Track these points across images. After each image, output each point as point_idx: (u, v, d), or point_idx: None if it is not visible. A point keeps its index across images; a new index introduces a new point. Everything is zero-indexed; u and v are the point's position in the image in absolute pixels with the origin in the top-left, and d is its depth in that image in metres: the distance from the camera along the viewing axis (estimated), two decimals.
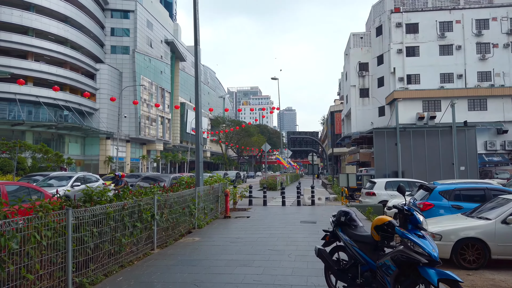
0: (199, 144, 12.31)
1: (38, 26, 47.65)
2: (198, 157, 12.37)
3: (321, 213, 14.18)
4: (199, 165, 12.34)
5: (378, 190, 16.95)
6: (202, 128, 12.46)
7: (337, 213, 5.73)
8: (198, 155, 12.37)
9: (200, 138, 12.32)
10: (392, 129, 20.25)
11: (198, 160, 12.35)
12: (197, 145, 12.35)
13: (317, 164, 23.36)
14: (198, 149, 12.34)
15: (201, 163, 12.36)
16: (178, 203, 9.72)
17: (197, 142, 12.36)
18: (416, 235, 4.36)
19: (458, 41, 40.46)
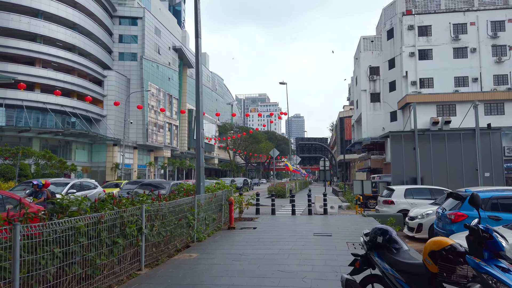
0: (199, 147, 10.96)
1: (46, 33, 47.16)
2: (199, 162, 11.01)
3: (335, 224, 12.67)
4: (200, 170, 10.97)
5: (397, 198, 15.41)
6: (203, 129, 11.11)
7: (371, 231, 4.28)
8: (199, 159, 11.02)
9: (200, 140, 10.96)
10: (410, 133, 18.71)
11: (198, 165, 10.99)
12: (198, 148, 11.00)
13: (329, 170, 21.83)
14: (199, 152, 10.98)
15: (202, 168, 10.99)
16: (174, 213, 8.34)
17: (198, 145, 11.01)
18: (498, 267, 2.91)
19: (472, 44, 38.78)
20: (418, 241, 11.68)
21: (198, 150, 11.00)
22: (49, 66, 48.59)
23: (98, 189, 17.62)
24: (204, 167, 11.14)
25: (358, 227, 11.74)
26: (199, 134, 11.00)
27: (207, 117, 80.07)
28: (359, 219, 14.02)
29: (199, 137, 10.97)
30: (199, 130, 11.01)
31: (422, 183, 18.21)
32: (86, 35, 52.24)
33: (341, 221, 13.38)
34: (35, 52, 45.97)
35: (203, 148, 10.99)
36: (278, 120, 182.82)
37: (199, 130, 11.01)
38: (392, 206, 15.36)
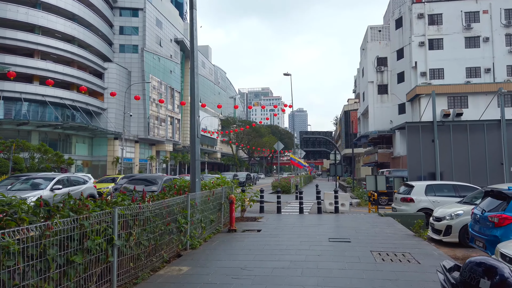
0: (194, 137, 9.25)
1: (44, 23, 45.51)
2: (194, 155, 9.31)
3: (350, 225, 10.97)
4: (195, 164, 9.28)
5: (417, 195, 13.66)
6: (198, 116, 9.39)
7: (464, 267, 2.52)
8: (194, 152, 9.32)
9: (196, 129, 9.26)
10: (428, 124, 16.91)
11: (193, 158, 9.30)
12: (192, 139, 9.29)
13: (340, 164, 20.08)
14: (194, 143, 9.28)
15: (197, 161, 9.30)
16: (161, 216, 6.67)
17: (192, 133, 9.31)
18: None
19: (485, 33, 36.71)
20: (446, 246, 9.99)
21: (192, 140, 9.30)
22: (48, 58, 46.96)
23: (88, 184, 15.99)
24: (200, 160, 9.44)
25: (378, 230, 10.04)
26: (194, 122, 9.29)
27: (209, 110, 78.29)
28: (376, 219, 12.32)
29: (194, 125, 9.27)
30: (194, 117, 9.31)
31: (441, 179, 16.46)
32: (86, 26, 50.54)
33: (356, 222, 11.68)
34: (34, 44, 44.37)
35: (198, 138, 9.29)
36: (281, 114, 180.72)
37: (194, 117, 9.30)
38: (411, 205, 13.63)
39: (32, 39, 44.30)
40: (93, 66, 51.74)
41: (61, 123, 44.80)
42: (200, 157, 9.51)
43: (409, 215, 12.76)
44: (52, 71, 45.98)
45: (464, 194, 13.53)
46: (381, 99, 42.09)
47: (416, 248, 7.90)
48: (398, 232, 9.85)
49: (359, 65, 51.78)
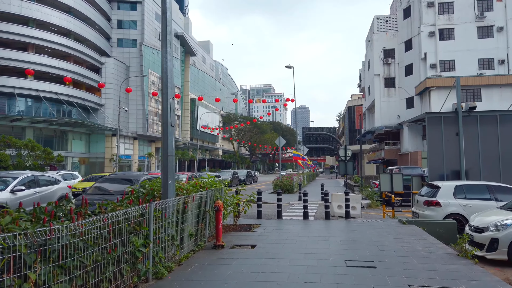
0: (167, 125, 6.88)
1: (38, 16, 43.29)
2: (166, 148, 6.94)
3: (368, 237, 8.57)
4: (168, 161, 6.91)
5: (444, 198, 11.26)
6: (172, 98, 7.02)
7: None
8: (166, 144, 6.94)
9: (169, 116, 6.89)
10: (451, 114, 14.44)
11: (165, 152, 6.93)
12: (165, 128, 6.93)
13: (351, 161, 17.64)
14: (166, 134, 6.91)
15: (171, 157, 6.94)
16: (98, 240, 4.33)
17: (164, 120, 6.94)
18: None
19: (499, 22, 34.05)
20: (491, 264, 7.58)
21: (165, 130, 6.92)
22: (42, 52, 44.72)
23: (60, 185, 13.65)
24: (174, 156, 7.06)
25: (407, 246, 7.64)
26: (167, 106, 6.91)
27: (211, 106, 75.88)
28: (397, 228, 9.92)
29: (167, 110, 6.89)
30: (166, 100, 6.92)
31: (467, 178, 14.02)
32: (82, 19, 48.25)
33: (375, 232, 9.27)
34: (28, 37, 42.20)
35: (172, 127, 6.92)
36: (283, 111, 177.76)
37: (167, 100, 6.92)
38: (437, 209, 11.23)
39: (26, 32, 42.16)
40: (90, 60, 49.52)
41: (56, 119, 42.61)
42: (174, 152, 7.12)
43: (437, 222, 10.38)
44: (47, 65, 43.83)
45: (501, 196, 11.14)
46: (388, 92, 39.49)
47: (471, 278, 5.52)
48: (433, 249, 7.46)
49: (364, 58, 49.11)
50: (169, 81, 6.96)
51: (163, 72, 7.02)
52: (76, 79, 47.51)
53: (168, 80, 6.96)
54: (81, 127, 46.93)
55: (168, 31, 6.98)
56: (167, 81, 6.96)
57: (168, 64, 6.93)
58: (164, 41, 6.96)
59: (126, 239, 4.96)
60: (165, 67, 6.97)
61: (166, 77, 6.96)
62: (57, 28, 45.15)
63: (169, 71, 6.97)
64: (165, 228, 6.20)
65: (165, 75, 6.97)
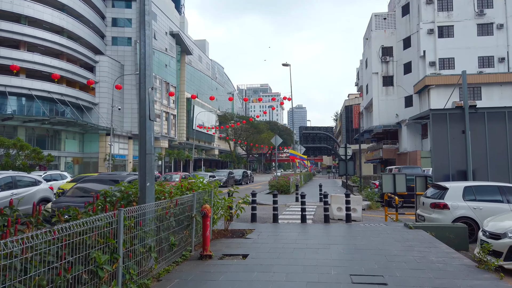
0: (145, 118, 5.95)
1: (30, 13, 42.21)
2: (144, 145, 6.01)
3: (374, 244, 7.67)
4: (145, 160, 5.97)
5: (453, 200, 10.39)
6: (151, 88, 6.09)
7: None
8: (144, 140, 6.01)
9: (148, 108, 5.96)
10: (457, 111, 13.57)
11: (142, 149, 6.00)
12: (142, 122, 6.00)
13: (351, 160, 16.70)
14: (144, 129, 5.98)
15: (149, 155, 6.00)
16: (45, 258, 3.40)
17: (142, 115, 6.01)
18: None
19: (499, 19, 33.30)
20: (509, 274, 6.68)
21: (142, 124, 5.99)
22: (35, 50, 43.60)
23: (40, 186, 12.68)
24: (153, 154, 6.11)
25: (418, 256, 6.73)
26: (145, 97, 5.97)
27: (207, 106, 74.83)
28: (403, 233, 9.03)
29: (145, 101, 5.96)
30: (144, 90, 5.99)
31: (473, 178, 13.15)
32: (76, 17, 47.13)
33: (380, 238, 8.37)
34: (19, 34, 41.06)
35: (152, 120, 5.99)
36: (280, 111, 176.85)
37: (145, 90, 5.99)
38: (445, 212, 10.36)
39: (18, 30, 41.07)
40: (83, 59, 48.41)
41: (48, 118, 41.51)
42: (153, 149, 6.18)
43: (446, 227, 9.51)
44: (39, 63, 42.74)
45: None
46: (386, 91, 38.66)
47: None
48: (448, 259, 6.56)
49: (362, 56, 48.22)
50: (147, 68, 6.03)
51: (140, 58, 6.10)
52: (70, 78, 46.45)
53: (146, 67, 6.03)
54: (75, 126, 45.85)
55: (146, 10, 6.05)
56: (145, 68, 6.03)
57: (146, 48, 6.00)
58: (142, 22, 6.04)
59: (86, 255, 4.03)
60: (143, 52, 6.04)
61: (144, 64, 6.03)
62: (49, 25, 44.08)
63: (147, 57, 6.04)
64: (140, 238, 5.27)
65: (142, 62, 6.04)
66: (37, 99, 42.45)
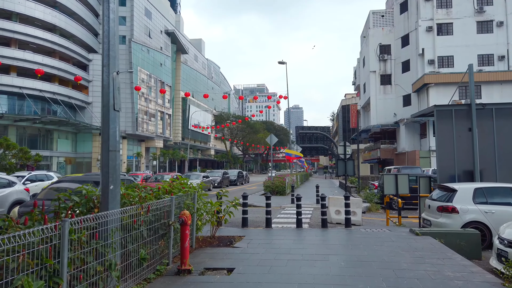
0: (108, 108, 4.93)
1: (22, 10, 41.00)
2: (107, 140, 4.99)
3: (380, 255, 6.68)
4: (109, 157, 4.96)
5: (462, 203, 9.45)
6: (117, 72, 5.05)
7: None
8: (108, 134, 4.99)
9: (113, 95, 4.95)
10: (464, 107, 12.63)
11: (105, 145, 4.99)
12: (105, 113, 4.98)
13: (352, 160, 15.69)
14: (107, 121, 4.96)
15: (113, 153, 5.00)
16: None
17: (105, 104, 4.99)
18: None
19: (499, 17, 32.48)
20: None
21: (105, 115, 4.98)
22: (26, 48, 42.38)
23: (14, 188, 11.61)
24: (119, 151, 5.09)
25: (432, 270, 5.74)
26: (108, 83, 4.96)
27: (202, 105, 73.74)
28: (410, 240, 8.05)
29: (108, 87, 4.94)
30: (108, 72, 4.97)
31: (481, 178, 12.21)
32: (68, 14, 45.95)
33: (385, 247, 7.38)
34: (10, 32, 39.87)
35: (117, 111, 4.97)
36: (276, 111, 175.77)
37: (108, 72, 4.97)
38: (454, 216, 9.41)
39: (9, 27, 39.87)
40: (76, 57, 47.24)
41: (39, 117, 40.31)
42: (120, 146, 5.15)
43: (457, 233, 8.54)
44: (30, 61, 41.53)
45: None
46: (384, 90, 37.76)
47: None
48: (467, 274, 5.57)
49: (360, 54, 47.28)
50: (111, 48, 5.00)
51: (103, 37, 5.06)
52: (62, 76, 45.29)
53: (110, 47, 5.00)
54: (67, 125, 44.68)
55: None
56: (108, 48, 5.00)
57: (110, 25, 4.97)
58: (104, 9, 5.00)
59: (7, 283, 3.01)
60: (106, 29, 5.01)
61: (108, 43, 5.00)
62: (41, 23, 42.91)
63: (112, 35, 5.01)
64: (99, 254, 4.25)
65: (106, 41, 5.01)
66: (29, 98, 41.26)
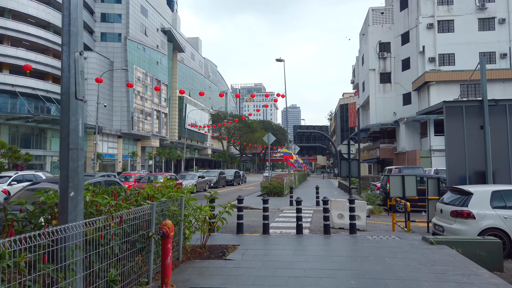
0: (68, 95, 3.97)
1: (14, 7, 39.97)
2: (67, 136, 4.02)
3: (397, 272, 5.76)
4: (69, 156, 3.98)
5: (479, 208, 8.54)
6: (81, 52, 4.08)
7: None
8: (68, 128, 4.02)
9: (75, 80, 3.98)
10: (475, 104, 11.72)
11: (64, 142, 4.01)
12: (65, 101, 4.01)
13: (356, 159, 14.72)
14: (67, 111, 4.00)
15: (74, 151, 4.03)
16: None
17: (65, 91, 4.02)
18: None
19: (501, 14, 31.66)
20: None
21: (65, 105, 4.02)
22: (19, 45, 41.28)
23: None
24: (82, 149, 4.12)
25: None
26: (68, 64, 4.00)
27: (199, 104, 72.69)
28: (425, 250, 7.13)
29: (68, 70, 3.98)
30: (68, 52, 4.01)
31: (493, 180, 11.30)
32: None
33: (398, 260, 6.46)
34: (2, 28, 38.96)
35: (80, 100, 4.00)
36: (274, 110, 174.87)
37: (69, 52, 4.01)
38: (470, 222, 8.50)
39: (1, 24, 39.04)
40: None
41: (32, 115, 39.23)
42: (82, 143, 4.18)
43: (476, 242, 7.62)
44: (23, 58, 40.39)
45: None
46: (384, 88, 36.87)
47: None
48: None
49: (358, 52, 46.36)
50: (72, 23, 4.04)
51: (63, 9, 4.11)
52: (56, 74, 44.23)
53: (72, 21, 4.04)
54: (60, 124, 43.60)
55: None
56: (69, 22, 4.04)
57: None
58: None
59: None
60: (67, 1, 4.05)
61: (69, 17, 4.05)
62: (35, 19, 41.88)
63: (74, 7, 4.06)
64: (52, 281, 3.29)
65: (66, 13, 4.06)
66: (21, 96, 40.18)
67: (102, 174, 17.65)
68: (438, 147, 30.63)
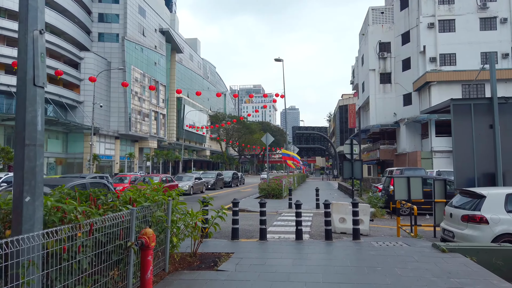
0: (25, 81, 3.30)
1: (10, 6, 39.38)
2: (23, 130, 3.33)
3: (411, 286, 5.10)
4: (25, 154, 3.30)
5: (493, 212, 7.89)
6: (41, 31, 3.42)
7: None
8: (23, 122, 3.34)
9: (33, 65, 3.29)
10: (484, 101, 11.07)
11: (20, 139, 3.33)
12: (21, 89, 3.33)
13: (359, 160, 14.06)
14: (24, 101, 3.32)
15: (31, 147, 3.36)
16: None
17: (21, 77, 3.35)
18: None
19: (503, 13, 31.10)
20: None
21: (21, 94, 3.35)
22: (15, 45, 40.55)
23: None
24: (42, 146, 3.45)
25: None
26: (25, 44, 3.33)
27: (198, 105, 72.04)
28: (438, 259, 6.46)
29: (30, 50, 3.32)
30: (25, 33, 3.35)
31: (504, 182, 10.65)
32: (60, 11, 44.23)
33: (409, 271, 5.80)
34: None
35: (39, 87, 3.33)
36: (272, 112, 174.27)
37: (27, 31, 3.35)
38: (483, 228, 7.84)
39: None
40: (68, 55, 45.45)
41: None
42: (42, 139, 3.51)
43: (492, 250, 6.97)
44: None
45: None
46: (384, 89, 36.25)
47: None
48: None
49: (358, 52, 45.76)
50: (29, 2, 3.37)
51: None
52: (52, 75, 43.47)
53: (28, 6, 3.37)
54: (57, 125, 42.84)
55: None
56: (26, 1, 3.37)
57: None
58: None
59: None
60: None
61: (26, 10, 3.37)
62: None
63: None
64: None
65: None
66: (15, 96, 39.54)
67: (94, 175, 16.96)
68: (439, 148, 30.02)
